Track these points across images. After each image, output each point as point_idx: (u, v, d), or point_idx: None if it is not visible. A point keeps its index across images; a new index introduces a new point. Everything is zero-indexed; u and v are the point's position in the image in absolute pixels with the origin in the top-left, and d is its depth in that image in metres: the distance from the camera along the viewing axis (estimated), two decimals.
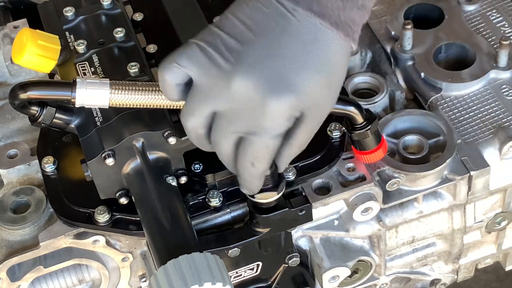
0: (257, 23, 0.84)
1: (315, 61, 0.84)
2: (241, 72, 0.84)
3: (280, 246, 1.06)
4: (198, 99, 0.87)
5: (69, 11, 1.11)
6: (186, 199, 1.00)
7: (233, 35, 0.85)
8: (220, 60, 0.85)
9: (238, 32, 0.85)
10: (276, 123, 0.87)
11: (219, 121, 0.88)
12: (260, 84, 0.84)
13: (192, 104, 0.88)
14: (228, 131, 0.88)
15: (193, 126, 0.89)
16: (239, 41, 0.84)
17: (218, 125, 0.88)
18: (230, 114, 0.86)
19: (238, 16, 0.85)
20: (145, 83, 0.93)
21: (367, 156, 1.02)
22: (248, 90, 0.84)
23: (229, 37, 0.85)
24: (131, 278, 1.08)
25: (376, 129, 1.00)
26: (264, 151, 0.89)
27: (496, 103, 1.11)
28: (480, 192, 1.10)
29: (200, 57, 0.85)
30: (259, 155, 0.89)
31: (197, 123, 0.89)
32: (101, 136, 0.96)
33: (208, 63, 0.85)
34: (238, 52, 0.84)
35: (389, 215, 1.09)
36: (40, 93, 0.93)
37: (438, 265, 1.20)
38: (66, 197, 1.02)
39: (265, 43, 0.84)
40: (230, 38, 0.85)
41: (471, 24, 1.20)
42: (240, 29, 0.85)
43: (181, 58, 0.86)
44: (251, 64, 0.84)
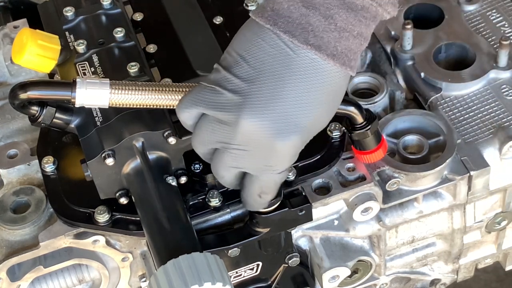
0: (259, 61, 0.86)
1: (316, 97, 0.86)
2: (248, 114, 0.86)
3: (280, 246, 1.06)
4: (206, 132, 0.90)
5: (69, 11, 1.11)
6: (186, 199, 1.00)
7: (238, 74, 0.87)
8: (227, 98, 0.87)
9: (242, 71, 0.86)
10: (284, 161, 0.91)
11: (223, 155, 0.90)
12: (267, 127, 0.86)
13: (200, 134, 0.90)
14: (231, 166, 0.91)
15: (201, 153, 0.93)
16: (245, 80, 0.86)
17: (221, 158, 0.91)
18: (235, 151, 0.89)
19: (241, 54, 0.87)
20: (145, 83, 0.93)
21: (367, 156, 1.02)
22: (255, 132, 0.87)
23: (234, 77, 0.87)
24: (131, 278, 1.08)
25: (376, 129, 1.00)
26: (271, 185, 0.93)
27: (496, 103, 1.11)
28: (480, 192, 1.10)
29: (207, 95, 0.88)
30: (266, 190, 0.94)
31: (205, 151, 0.93)
32: (101, 136, 0.96)
33: (215, 100, 0.87)
34: (244, 92, 0.86)
35: (389, 215, 1.09)
36: (40, 93, 0.93)
37: (438, 265, 1.20)
38: (66, 197, 1.02)
39: (268, 84, 0.86)
40: (235, 78, 0.86)
41: (471, 24, 1.20)
42: (244, 68, 0.86)
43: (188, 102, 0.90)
44: (258, 106, 0.86)
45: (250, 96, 0.86)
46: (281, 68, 0.85)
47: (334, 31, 0.84)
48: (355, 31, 0.85)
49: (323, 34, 0.84)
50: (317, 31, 0.84)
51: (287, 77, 0.86)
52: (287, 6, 0.84)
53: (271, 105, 0.86)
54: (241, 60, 0.87)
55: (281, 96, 0.86)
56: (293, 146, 0.89)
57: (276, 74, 0.86)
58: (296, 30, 0.84)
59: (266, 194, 0.94)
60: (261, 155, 0.89)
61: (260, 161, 0.89)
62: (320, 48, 0.84)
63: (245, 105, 0.86)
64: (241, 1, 1.16)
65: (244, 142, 0.88)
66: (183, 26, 1.13)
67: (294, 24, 0.84)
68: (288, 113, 0.86)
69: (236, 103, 0.86)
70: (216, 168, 0.92)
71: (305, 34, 0.84)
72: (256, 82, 0.86)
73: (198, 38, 1.11)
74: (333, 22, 0.84)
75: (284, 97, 0.86)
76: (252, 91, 0.86)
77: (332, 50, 0.85)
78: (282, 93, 0.86)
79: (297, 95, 0.86)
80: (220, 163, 0.91)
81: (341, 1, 0.83)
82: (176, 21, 1.14)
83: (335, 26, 0.84)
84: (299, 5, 0.84)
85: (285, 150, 0.89)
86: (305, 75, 0.85)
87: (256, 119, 0.86)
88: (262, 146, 0.88)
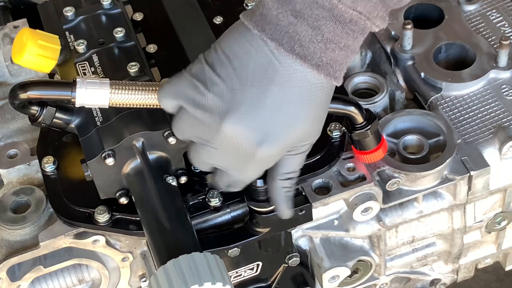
0: (245, 66, 0.86)
1: (298, 108, 0.87)
2: (229, 122, 0.87)
3: (280, 246, 1.06)
4: (185, 124, 0.90)
5: (69, 11, 1.11)
6: (186, 199, 1.00)
7: (222, 76, 0.87)
8: (209, 100, 0.87)
9: (227, 73, 0.87)
10: (259, 168, 0.92)
11: (199, 149, 0.91)
12: (249, 135, 0.87)
13: (179, 124, 0.92)
14: (207, 163, 0.93)
15: (180, 139, 0.94)
16: (228, 86, 0.86)
17: (198, 152, 0.92)
18: (213, 150, 0.90)
19: (227, 53, 0.87)
20: (145, 83, 0.93)
21: (367, 156, 1.02)
22: (235, 139, 0.87)
23: (218, 78, 0.87)
24: (131, 278, 1.08)
25: (376, 129, 1.00)
26: (240, 184, 0.95)
27: (496, 103, 1.11)
28: (480, 192, 1.10)
29: (189, 91, 0.88)
30: (235, 185, 0.95)
31: (184, 139, 0.94)
32: (101, 136, 0.96)
33: (197, 100, 0.88)
34: (227, 98, 0.86)
35: (389, 215, 1.09)
36: (40, 93, 0.93)
37: (438, 265, 1.20)
38: (66, 197, 1.02)
39: (252, 92, 0.86)
40: (219, 79, 0.87)
41: (471, 24, 1.20)
42: (229, 72, 0.86)
43: (170, 92, 0.90)
44: (240, 114, 0.86)
45: (233, 103, 0.86)
46: (265, 76, 0.86)
47: (320, 42, 0.84)
48: (342, 43, 0.85)
49: (309, 44, 0.84)
50: (303, 41, 0.84)
51: (271, 86, 0.86)
52: (276, 13, 0.84)
53: (253, 114, 0.86)
54: (226, 60, 0.87)
55: (264, 105, 0.86)
56: (272, 155, 0.90)
57: (260, 82, 0.86)
58: (283, 38, 0.84)
59: (234, 188, 0.96)
60: (238, 160, 0.90)
61: (236, 164, 0.90)
62: (306, 58, 0.84)
63: (228, 112, 0.86)
64: (241, 1, 1.16)
65: (222, 146, 0.88)
66: (183, 26, 1.13)
67: (281, 32, 0.84)
68: (270, 123, 0.87)
69: (218, 107, 0.87)
70: (191, 157, 0.94)
71: (291, 43, 0.84)
72: (239, 89, 0.86)
73: (198, 38, 1.11)
74: (320, 33, 0.84)
75: (267, 107, 0.86)
76: (235, 98, 0.86)
77: (317, 60, 0.85)
78: (265, 103, 0.86)
79: (280, 105, 0.86)
80: (196, 156, 0.93)
81: (329, 13, 0.83)
82: (176, 21, 1.14)
83: (321, 37, 0.84)
84: (287, 14, 0.84)
85: (264, 159, 0.90)
86: (289, 85, 0.86)
87: (238, 126, 0.86)
88: (240, 152, 0.88)
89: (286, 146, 0.90)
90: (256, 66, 0.86)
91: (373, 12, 0.84)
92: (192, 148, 0.93)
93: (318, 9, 0.83)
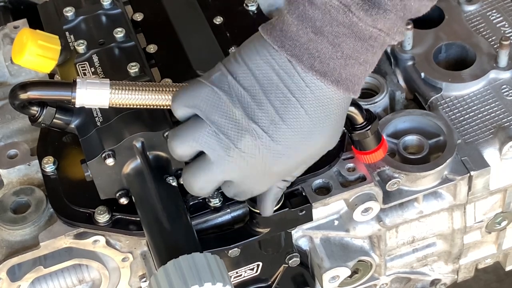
0: (268, 79, 0.86)
1: (318, 123, 0.87)
2: (252, 134, 0.86)
3: (280, 246, 1.06)
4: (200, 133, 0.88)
5: (69, 11, 1.11)
6: (186, 199, 1.00)
7: (246, 87, 0.87)
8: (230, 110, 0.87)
9: (251, 85, 0.87)
10: (274, 180, 0.93)
11: (210, 165, 0.89)
12: (268, 149, 0.87)
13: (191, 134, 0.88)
14: (216, 179, 0.90)
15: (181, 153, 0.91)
16: (252, 97, 0.86)
17: (208, 167, 0.89)
18: (226, 164, 0.88)
19: (249, 65, 0.87)
20: (145, 83, 0.93)
21: (367, 156, 1.02)
22: (254, 152, 0.87)
23: (243, 90, 0.86)
24: (131, 278, 1.08)
25: (376, 129, 1.00)
26: (248, 195, 0.94)
27: (496, 103, 1.11)
28: (480, 192, 1.10)
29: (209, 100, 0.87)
30: (242, 196, 0.94)
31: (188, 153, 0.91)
32: (101, 136, 0.96)
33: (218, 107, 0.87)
34: (251, 110, 0.86)
35: (389, 215, 1.09)
36: (40, 93, 0.93)
37: (438, 265, 1.20)
38: (66, 197, 1.02)
39: (275, 105, 0.86)
40: (244, 91, 0.86)
41: (471, 24, 1.20)
42: (253, 83, 0.87)
43: (186, 100, 0.89)
44: (264, 126, 0.86)
45: (256, 115, 0.86)
46: (287, 91, 0.86)
47: (340, 59, 0.84)
48: (361, 58, 0.85)
49: (329, 61, 0.84)
50: (323, 57, 0.84)
51: (292, 101, 0.86)
52: (296, 29, 0.84)
53: (274, 128, 0.86)
54: (248, 71, 0.87)
55: (285, 120, 0.86)
56: (288, 169, 0.91)
57: (283, 97, 0.86)
58: (303, 55, 0.85)
59: (240, 198, 0.95)
60: (252, 173, 0.89)
61: (249, 176, 0.90)
62: (326, 74, 0.85)
63: (250, 124, 0.86)
64: (241, 1, 1.16)
65: (238, 158, 0.88)
66: (183, 26, 1.13)
67: (301, 49, 0.85)
68: (289, 138, 0.87)
69: (241, 118, 0.86)
70: (196, 177, 0.90)
71: (311, 60, 0.84)
72: (263, 101, 0.86)
73: (198, 38, 1.11)
74: (340, 50, 0.84)
75: (288, 121, 0.86)
76: (258, 110, 0.86)
77: (337, 76, 0.85)
78: (286, 117, 0.86)
79: (300, 120, 0.87)
80: (204, 172, 0.90)
81: (349, 30, 0.83)
82: (176, 21, 1.14)
83: (341, 53, 0.84)
84: (307, 30, 0.84)
85: (280, 172, 0.91)
86: (309, 100, 0.86)
87: (259, 140, 0.86)
88: (257, 165, 0.88)
89: (303, 160, 0.91)
90: (279, 81, 0.86)
91: (393, 28, 0.84)
92: (199, 164, 0.90)
93: (338, 26, 0.83)
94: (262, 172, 0.89)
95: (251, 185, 0.91)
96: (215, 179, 0.90)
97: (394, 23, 0.84)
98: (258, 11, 1.15)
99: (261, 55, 0.87)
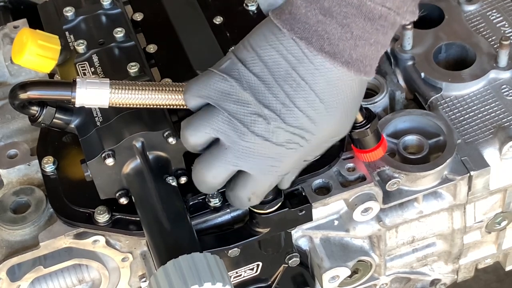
0: (276, 63, 0.86)
1: (330, 105, 0.87)
2: (264, 118, 0.86)
3: (280, 246, 1.06)
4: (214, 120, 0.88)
5: (69, 11, 1.11)
6: (186, 199, 1.00)
7: (256, 73, 0.86)
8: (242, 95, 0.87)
9: (261, 71, 0.87)
10: (290, 166, 0.91)
11: (225, 151, 0.89)
12: (282, 133, 0.87)
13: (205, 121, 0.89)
14: (232, 164, 0.89)
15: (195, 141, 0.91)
16: (263, 82, 0.86)
17: (222, 154, 0.89)
18: (242, 149, 0.88)
19: (257, 51, 0.87)
20: (145, 83, 0.93)
21: (367, 154, 1.02)
22: (269, 136, 0.87)
23: (253, 76, 0.86)
24: (131, 278, 1.08)
25: (375, 128, 1.00)
26: (266, 188, 0.93)
27: (496, 103, 1.11)
28: (480, 192, 1.10)
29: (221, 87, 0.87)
30: (259, 192, 0.93)
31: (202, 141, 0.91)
32: (101, 136, 0.96)
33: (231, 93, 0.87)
34: (262, 94, 0.86)
35: (389, 215, 1.09)
36: (40, 92, 0.93)
37: (438, 265, 1.20)
38: (66, 197, 1.02)
39: (285, 89, 0.86)
40: (254, 77, 0.86)
41: (471, 24, 1.20)
42: (262, 69, 0.86)
43: (198, 90, 0.89)
44: (275, 111, 0.86)
45: (267, 99, 0.86)
46: (297, 75, 0.86)
47: (350, 40, 0.84)
48: (372, 39, 0.85)
49: (338, 42, 0.84)
50: (332, 38, 0.84)
51: (302, 84, 0.86)
52: (304, 11, 0.84)
53: (286, 112, 0.86)
54: (257, 57, 0.87)
55: (296, 103, 0.86)
56: (304, 152, 0.90)
57: (293, 80, 0.86)
58: (313, 37, 0.84)
59: (256, 198, 0.94)
60: (268, 158, 0.89)
61: (266, 162, 0.89)
62: (335, 55, 0.84)
63: (263, 109, 0.86)
64: (241, 1, 1.16)
65: (252, 144, 0.88)
66: (183, 26, 1.13)
67: (310, 31, 0.84)
68: (302, 122, 0.87)
69: (253, 103, 0.86)
70: (210, 164, 0.90)
71: (320, 42, 0.84)
72: (273, 86, 0.86)
73: (198, 38, 1.11)
74: (349, 30, 0.84)
75: (299, 104, 0.86)
76: (269, 95, 0.86)
77: (347, 58, 0.85)
78: (297, 100, 0.86)
79: (312, 103, 0.86)
80: (218, 159, 0.89)
81: (358, 10, 0.83)
82: (176, 21, 1.14)
83: (351, 34, 0.84)
84: (316, 12, 0.84)
85: (295, 156, 0.90)
86: (320, 83, 0.86)
87: (271, 124, 0.86)
88: (272, 150, 0.88)
89: (316, 144, 0.90)
90: (287, 64, 0.86)
91: (403, 7, 0.84)
92: (213, 151, 0.90)
93: (347, 6, 0.83)
94: (274, 155, 0.88)
95: (264, 174, 0.90)
96: (230, 166, 0.90)
97: (404, 2, 0.83)
98: (258, 11, 1.15)
99: (268, 41, 0.87)
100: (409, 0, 0.84)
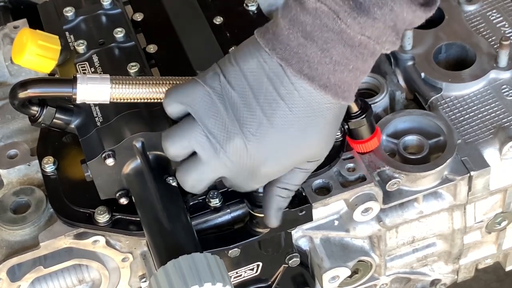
0: (258, 81, 0.87)
1: (306, 127, 0.88)
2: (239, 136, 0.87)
3: (280, 246, 1.06)
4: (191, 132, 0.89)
5: (69, 11, 1.11)
6: (186, 199, 1.00)
7: (237, 90, 0.88)
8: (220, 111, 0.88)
9: (242, 88, 0.87)
10: (263, 181, 0.93)
11: (201, 166, 0.90)
12: (256, 151, 0.88)
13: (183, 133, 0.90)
14: (208, 177, 0.91)
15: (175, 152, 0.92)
16: (242, 100, 0.87)
17: (199, 167, 0.90)
18: (217, 163, 0.89)
19: (241, 66, 0.88)
20: (145, 77, 0.94)
21: (363, 145, 1.02)
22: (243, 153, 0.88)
23: (234, 91, 0.87)
24: (131, 278, 1.08)
25: (370, 118, 1.01)
26: (242, 190, 0.95)
27: (496, 103, 1.11)
28: (480, 192, 1.10)
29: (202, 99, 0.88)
30: (237, 189, 0.95)
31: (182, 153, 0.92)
32: (101, 136, 0.96)
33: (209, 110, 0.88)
34: (240, 112, 0.87)
35: (389, 215, 1.09)
36: (41, 90, 0.93)
37: (438, 265, 1.20)
38: (66, 197, 1.02)
39: (264, 109, 0.87)
40: (234, 93, 0.87)
41: (471, 24, 1.20)
42: (244, 86, 0.87)
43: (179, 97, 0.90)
44: (252, 128, 0.87)
45: (245, 118, 0.87)
46: (277, 95, 0.87)
47: (329, 64, 0.85)
48: (351, 65, 0.85)
49: (318, 65, 0.85)
50: (312, 62, 0.85)
51: (281, 105, 0.87)
52: (287, 33, 0.85)
53: (262, 131, 0.87)
54: (241, 74, 0.87)
55: (273, 123, 0.87)
56: (275, 172, 0.91)
57: (272, 100, 0.87)
58: (293, 58, 0.85)
59: (236, 190, 0.95)
60: (241, 172, 0.90)
61: (238, 175, 0.91)
62: (314, 78, 0.85)
63: (239, 126, 0.87)
64: (241, 1, 1.16)
65: (227, 158, 0.88)
66: (183, 26, 1.13)
67: (291, 53, 0.85)
68: (277, 142, 0.88)
69: (230, 120, 0.87)
70: (188, 174, 0.92)
71: (300, 64, 0.85)
72: (252, 104, 0.87)
73: (198, 38, 1.11)
74: (328, 55, 0.84)
75: (276, 125, 0.87)
76: (247, 113, 0.87)
77: (325, 81, 0.85)
78: (275, 121, 0.87)
79: (289, 124, 0.87)
80: (195, 171, 0.91)
81: (338, 36, 0.83)
82: (176, 21, 1.14)
83: (330, 59, 0.84)
84: (298, 35, 0.84)
85: (268, 175, 0.91)
86: (298, 105, 0.86)
87: (247, 142, 0.87)
88: (245, 167, 0.89)
89: (291, 164, 0.91)
90: (269, 84, 0.87)
91: (382, 37, 0.84)
92: (191, 163, 0.91)
93: (328, 32, 0.83)
94: (250, 173, 0.90)
95: (242, 182, 0.92)
96: (206, 177, 0.91)
97: (383, 32, 0.84)
98: (258, 11, 1.15)
99: (253, 58, 0.87)
100: (388, 30, 0.84)
